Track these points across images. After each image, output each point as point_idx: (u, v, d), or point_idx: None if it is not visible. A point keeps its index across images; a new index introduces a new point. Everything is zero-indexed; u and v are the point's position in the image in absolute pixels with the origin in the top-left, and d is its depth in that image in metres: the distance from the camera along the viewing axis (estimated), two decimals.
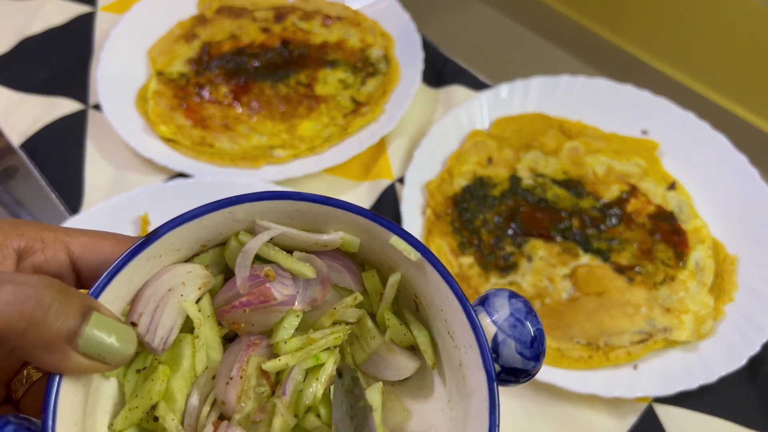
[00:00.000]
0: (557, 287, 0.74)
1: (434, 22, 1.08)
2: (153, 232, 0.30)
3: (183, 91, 0.93)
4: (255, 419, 0.33)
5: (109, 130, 0.88)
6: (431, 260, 0.32)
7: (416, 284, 0.34)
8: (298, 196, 0.32)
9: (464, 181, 0.83)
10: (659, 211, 0.80)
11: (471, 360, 0.31)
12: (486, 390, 0.30)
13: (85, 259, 0.32)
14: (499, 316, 0.32)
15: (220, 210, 0.31)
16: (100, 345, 0.27)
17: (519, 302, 0.32)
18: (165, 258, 0.32)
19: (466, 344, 0.31)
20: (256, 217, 0.33)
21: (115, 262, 0.29)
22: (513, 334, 0.31)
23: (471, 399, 0.32)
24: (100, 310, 0.28)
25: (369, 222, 0.32)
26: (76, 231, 0.32)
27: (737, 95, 0.99)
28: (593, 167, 0.84)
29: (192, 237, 0.32)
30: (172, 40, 0.99)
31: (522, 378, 0.32)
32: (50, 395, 0.27)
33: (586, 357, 0.69)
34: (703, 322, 0.70)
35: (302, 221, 0.34)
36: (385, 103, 0.90)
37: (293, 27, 1.01)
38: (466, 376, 0.32)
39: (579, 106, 0.90)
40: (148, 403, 0.32)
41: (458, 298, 0.31)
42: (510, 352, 0.31)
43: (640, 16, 1.04)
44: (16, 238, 0.30)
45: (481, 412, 0.30)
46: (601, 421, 0.68)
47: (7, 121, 0.92)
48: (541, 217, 0.79)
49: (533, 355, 0.32)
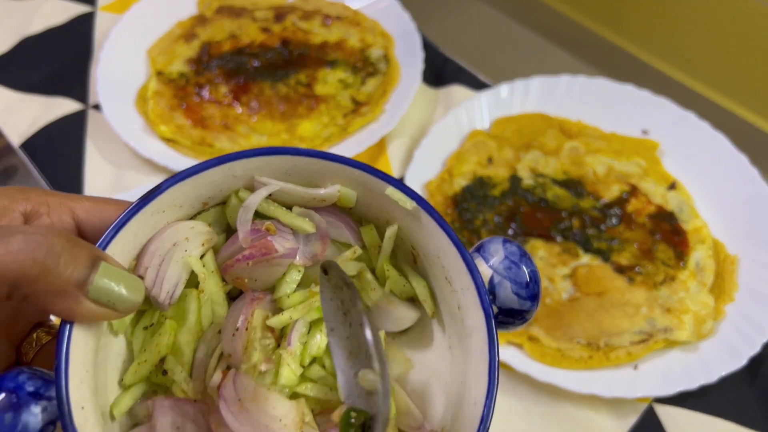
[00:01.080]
0: (557, 287, 0.74)
1: (434, 22, 1.08)
2: (156, 188, 0.31)
3: (183, 91, 0.92)
4: (262, 369, 0.33)
5: (109, 130, 0.88)
6: (427, 208, 0.32)
7: (413, 234, 0.35)
8: (294, 151, 0.33)
9: (464, 181, 0.82)
10: (659, 211, 0.80)
11: (469, 302, 0.32)
12: (485, 328, 0.31)
13: (89, 223, 0.33)
14: (495, 260, 0.33)
15: (220, 166, 0.32)
16: (109, 292, 0.28)
17: (513, 246, 0.33)
18: (168, 214, 0.33)
19: (463, 287, 0.32)
20: (254, 173, 0.34)
21: (119, 216, 0.30)
22: (508, 275, 0.32)
23: (470, 339, 0.32)
24: (108, 260, 0.29)
25: (364, 174, 0.33)
26: (81, 196, 0.33)
27: (737, 95, 0.99)
28: (593, 167, 0.84)
29: (193, 193, 0.33)
30: (172, 39, 0.99)
31: (519, 319, 0.33)
32: (62, 340, 0.28)
33: (586, 357, 0.69)
34: (703, 322, 0.70)
35: (299, 177, 0.34)
36: (385, 103, 0.90)
37: (293, 27, 1.01)
38: (464, 318, 0.33)
39: (579, 106, 0.90)
40: (157, 356, 0.33)
41: (454, 242, 0.32)
42: (506, 294, 0.32)
43: (640, 16, 1.04)
44: (22, 202, 0.31)
45: (481, 350, 0.31)
46: (601, 421, 0.68)
47: (7, 121, 0.92)
48: (542, 217, 0.79)
49: (529, 295, 0.32)
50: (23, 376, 0.28)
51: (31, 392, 0.27)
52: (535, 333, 0.71)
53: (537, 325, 0.71)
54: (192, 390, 0.33)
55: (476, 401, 0.30)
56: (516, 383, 0.70)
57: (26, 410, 0.27)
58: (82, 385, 0.29)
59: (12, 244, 0.26)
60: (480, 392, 0.30)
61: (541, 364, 0.69)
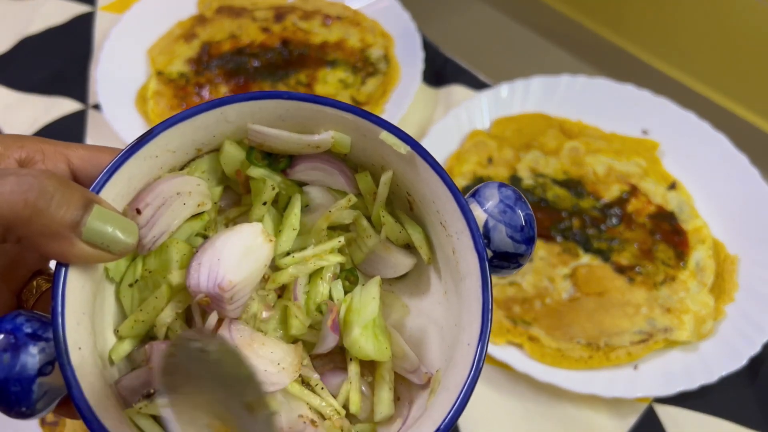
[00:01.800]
0: (557, 287, 0.74)
1: (434, 22, 1.08)
2: (148, 132, 0.31)
3: (183, 91, 0.92)
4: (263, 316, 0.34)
5: (109, 130, 0.88)
6: (421, 153, 0.32)
7: (408, 180, 0.35)
8: (287, 95, 0.33)
9: (464, 181, 0.82)
10: (659, 211, 0.80)
11: (463, 245, 0.32)
12: (478, 271, 0.31)
13: (84, 170, 0.33)
14: (490, 204, 0.33)
15: (212, 110, 0.32)
16: (103, 234, 0.28)
17: (508, 190, 0.33)
18: (161, 159, 0.33)
19: (458, 231, 0.32)
20: (247, 118, 0.33)
21: (113, 160, 0.30)
22: (503, 219, 0.32)
23: (464, 282, 0.33)
24: (102, 203, 0.29)
25: (358, 119, 0.33)
26: (76, 144, 0.34)
27: (737, 95, 0.99)
28: (593, 167, 0.84)
29: (187, 138, 0.33)
30: (172, 39, 0.99)
31: (513, 263, 0.33)
32: (58, 282, 0.28)
33: (586, 357, 0.69)
34: (703, 322, 0.70)
35: (293, 122, 0.34)
36: (385, 103, 0.90)
37: (293, 27, 1.01)
38: (459, 262, 0.33)
39: (579, 106, 0.90)
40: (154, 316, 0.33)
41: (448, 186, 0.32)
42: (501, 237, 0.32)
43: (640, 16, 1.04)
44: (17, 149, 0.31)
45: (475, 292, 0.31)
46: (601, 421, 0.68)
47: (7, 121, 0.92)
48: (542, 217, 0.79)
49: (524, 238, 0.32)
50: (21, 318, 0.28)
51: (29, 333, 0.28)
52: (535, 333, 0.71)
53: (537, 325, 0.71)
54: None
55: (470, 342, 0.31)
56: (516, 383, 0.70)
57: (24, 351, 0.27)
58: (79, 327, 0.29)
59: (4, 186, 0.26)
60: (473, 333, 0.31)
61: (541, 364, 0.69)
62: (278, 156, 0.36)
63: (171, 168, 0.34)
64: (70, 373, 0.27)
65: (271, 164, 0.36)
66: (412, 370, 0.35)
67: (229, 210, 0.38)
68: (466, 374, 0.30)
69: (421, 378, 0.34)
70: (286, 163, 0.36)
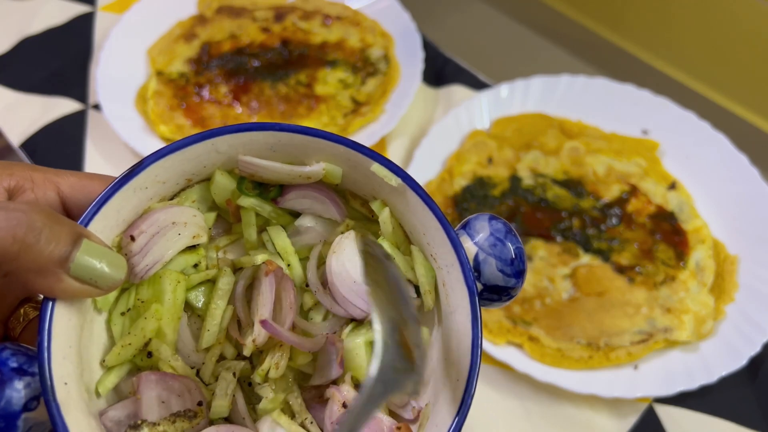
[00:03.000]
0: (557, 287, 0.74)
1: (434, 22, 1.08)
2: (138, 163, 0.31)
3: (183, 91, 0.92)
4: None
5: (109, 130, 0.88)
6: (412, 185, 0.32)
7: (399, 211, 0.35)
8: (278, 127, 0.32)
9: (464, 181, 0.82)
10: (659, 211, 0.80)
11: (453, 278, 0.32)
12: (468, 305, 0.31)
13: (74, 198, 0.33)
14: (480, 237, 0.33)
15: (203, 141, 0.32)
16: (91, 269, 0.28)
17: (499, 223, 0.33)
18: (151, 190, 0.33)
19: (448, 264, 0.32)
20: (238, 149, 0.33)
21: (103, 192, 0.30)
22: (493, 252, 0.32)
23: (454, 316, 0.32)
24: (91, 238, 0.28)
25: (350, 151, 0.33)
26: (66, 172, 0.33)
27: (737, 95, 0.99)
28: (593, 167, 0.84)
29: (177, 169, 0.33)
30: (172, 39, 0.99)
31: (504, 296, 0.33)
32: (45, 317, 0.28)
33: (586, 357, 0.69)
34: (703, 322, 0.70)
35: (284, 153, 0.34)
36: (385, 103, 0.90)
37: (293, 27, 1.01)
38: (449, 295, 0.33)
39: (579, 106, 0.90)
40: (142, 340, 0.33)
41: (438, 219, 0.32)
42: (491, 270, 0.32)
43: (640, 16, 1.04)
44: (6, 177, 0.31)
45: (464, 326, 0.31)
46: (601, 421, 0.68)
47: (7, 121, 0.92)
48: (542, 217, 0.79)
49: (514, 272, 0.32)
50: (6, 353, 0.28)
51: (15, 368, 0.27)
52: (535, 333, 0.71)
53: (537, 325, 0.71)
54: (180, 366, 0.33)
55: (459, 377, 0.30)
56: (516, 383, 0.70)
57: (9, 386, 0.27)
58: (65, 361, 0.29)
59: None
60: (463, 368, 0.30)
61: (541, 364, 0.69)
62: (269, 185, 0.36)
63: (161, 198, 0.34)
64: (55, 409, 0.27)
65: (261, 193, 0.36)
66: (402, 404, 0.34)
67: (219, 239, 0.38)
68: (455, 410, 0.29)
69: (411, 413, 0.34)
70: (277, 192, 0.36)
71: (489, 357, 0.71)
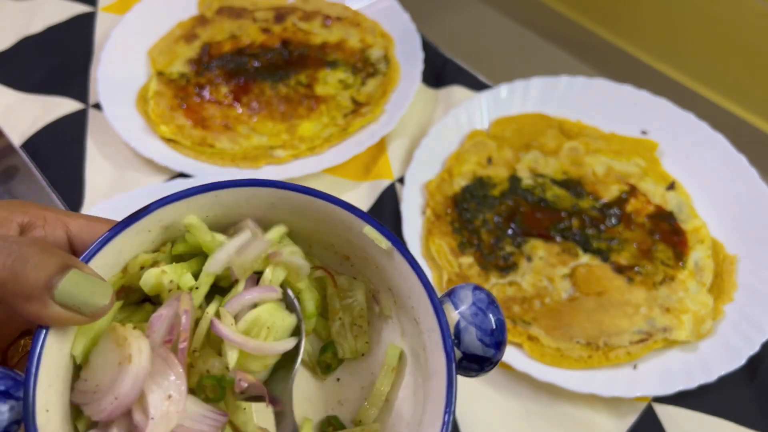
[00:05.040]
0: (557, 287, 0.74)
1: (434, 22, 1.08)
2: (144, 208, 0.33)
3: (183, 92, 0.93)
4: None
5: (110, 130, 0.88)
6: (400, 249, 0.34)
7: (388, 273, 0.36)
8: (281, 185, 0.34)
9: (464, 181, 0.83)
10: (659, 211, 0.80)
11: (433, 343, 0.33)
12: (445, 370, 0.31)
13: (81, 239, 0.35)
14: (463, 306, 0.33)
15: (207, 193, 0.34)
16: (74, 296, 0.29)
17: (482, 294, 0.34)
18: (153, 233, 0.34)
19: (429, 328, 0.33)
20: (240, 202, 0.35)
21: (106, 232, 0.32)
22: (474, 321, 0.33)
23: (431, 380, 0.33)
24: (82, 269, 0.30)
25: (344, 212, 0.34)
26: (77, 214, 0.35)
27: (737, 95, 0.99)
28: (593, 167, 0.84)
29: (180, 216, 0.34)
30: (173, 40, 0.99)
31: (485, 367, 0.34)
32: (36, 343, 0.29)
33: (585, 357, 0.69)
34: (702, 322, 0.71)
35: (284, 209, 0.36)
36: (385, 104, 0.90)
37: (293, 27, 1.01)
38: (428, 359, 0.34)
39: (579, 107, 0.90)
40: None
41: (423, 283, 0.33)
42: (471, 339, 0.33)
43: (640, 16, 1.04)
44: (20, 214, 0.34)
45: (440, 391, 0.32)
46: (600, 420, 0.68)
47: (8, 121, 0.92)
48: (541, 217, 0.80)
49: (493, 342, 0.33)
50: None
51: (1, 391, 0.28)
52: (534, 333, 0.71)
53: (536, 325, 0.71)
54: None
55: None
56: (516, 383, 0.70)
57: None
58: (50, 389, 0.29)
59: None
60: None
61: (540, 363, 0.69)
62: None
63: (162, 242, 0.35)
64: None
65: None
66: None
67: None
68: None
69: None
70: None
71: None
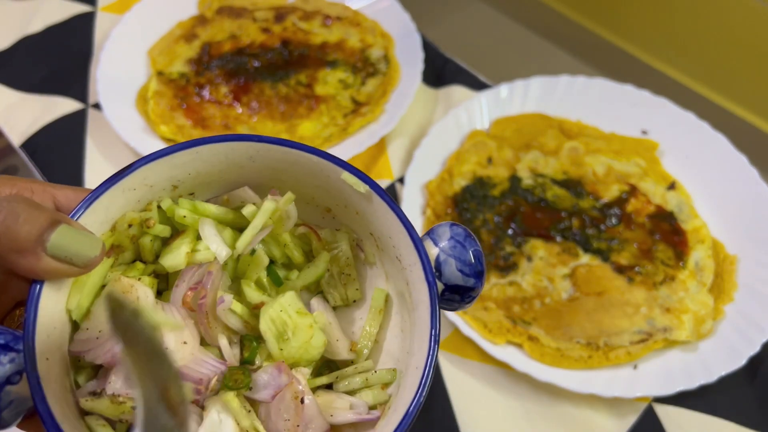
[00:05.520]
0: (557, 287, 0.74)
1: (434, 22, 1.08)
2: (128, 166, 0.34)
3: (183, 91, 0.93)
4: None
5: (110, 129, 0.88)
6: (378, 191, 0.35)
7: (369, 217, 0.37)
8: (257, 138, 0.36)
9: (464, 181, 0.83)
10: (659, 211, 0.80)
11: (415, 276, 0.35)
12: (428, 300, 0.33)
13: (68, 207, 0.35)
14: (442, 242, 0.35)
15: (188, 149, 0.35)
16: (66, 247, 0.30)
17: (459, 228, 0.36)
18: (139, 192, 0.35)
19: (410, 263, 0.35)
20: (220, 157, 0.36)
21: (94, 190, 0.33)
22: (453, 254, 0.35)
23: (416, 311, 0.35)
24: (70, 223, 0.31)
25: (322, 161, 0.36)
26: (63, 186, 0.36)
27: (737, 95, 0.99)
28: (593, 167, 0.84)
29: (165, 174, 0.36)
30: (173, 40, 0.99)
31: (465, 298, 0.36)
32: (32, 295, 0.30)
33: (585, 357, 0.69)
34: (702, 322, 0.70)
35: (262, 162, 0.37)
36: (385, 103, 0.90)
37: (293, 27, 1.01)
38: (411, 292, 0.36)
39: (579, 106, 0.90)
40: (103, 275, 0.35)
41: (402, 222, 0.35)
42: (451, 270, 0.35)
43: (640, 16, 1.04)
44: (8, 187, 0.34)
45: (425, 319, 0.33)
46: (600, 420, 0.68)
47: (8, 120, 0.92)
48: (541, 217, 0.79)
49: (472, 272, 0.35)
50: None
51: (1, 344, 0.29)
52: (534, 333, 0.71)
53: (537, 325, 0.71)
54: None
55: (418, 365, 0.33)
56: (516, 383, 0.70)
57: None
58: (48, 340, 0.31)
59: None
60: (422, 357, 0.33)
61: (540, 363, 0.69)
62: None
63: (147, 201, 0.37)
64: (35, 380, 0.29)
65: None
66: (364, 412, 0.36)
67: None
68: (413, 395, 0.31)
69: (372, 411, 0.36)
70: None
71: (489, 357, 0.71)
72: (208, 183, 0.38)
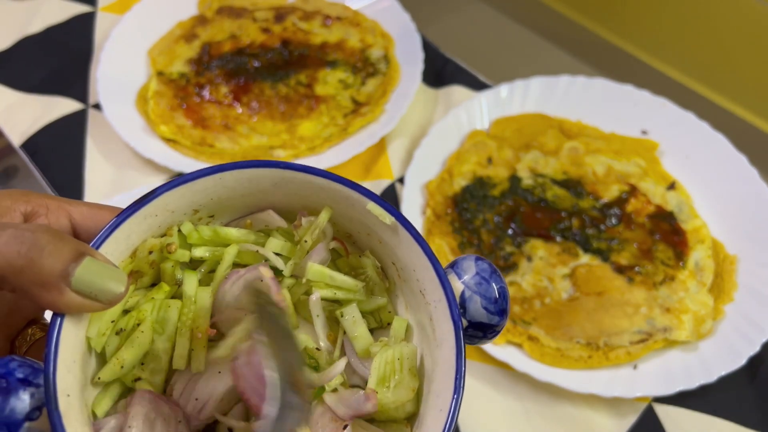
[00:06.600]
0: (557, 287, 0.74)
1: (434, 22, 1.08)
2: (150, 192, 0.33)
3: (183, 91, 0.93)
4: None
5: (110, 130, 0.88)
6: (404, 224, 0.34)
7: (391, 248, 0.37)
8: (283, 165, 0.35)
9: (464, 181, 0.83)
10: (659, 211, 0.80)
11: (440, 313, 0.34)
12: (453, 338, 0.32)
13: (84, 226, 0.35)
14: (467, 276, 0.35)
15: (212, 175, 0.34)
16: (91, 283, 0.29)
17: (484, 264, 0.35)
18: (160, 218, 0.35)
19: (435, 299, 0.34)
20: (244, 183, 0.36)
21: (115, 218, 0.32)
22: (479, 291, 0.34)
23: (439, 349, 0.34)
24: (95, 256, 0.30)
25: (347, 189, 0.35)
26: (78, 201, 0.35)
27: (737, 95, 0.99)
28: (593, 167, 0.84)
29: (186, 200, 0.35)
30: (173, 40, 0.99)
31: (488, 334, 0.35)
32: (53, 330, 0.29)
33: (585, 357, 0.69)
34: (702, 322, 0.70)
35: (286, 189, 0.36)
36: (385, 103, 0.90)
37: (293, 27, 1.01)
38: (435, 329, 0.35)
39: (579, 106, 0.90)
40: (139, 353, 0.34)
41: (428, 256, 0.34)
42: (476, 308, 0.34)
43: (640, 16, 1.04)
44: (23, 203, 0.34)
45: (449, 359, 0.32)
46: (600, 420, 0.68)
47: (8, 121, 0.92)
48: (541, 217, 0.79)
49: (497, 310, 0.34)
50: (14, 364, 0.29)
51: (21, 378, 0.28)
52: (534, 333, 0.71)
53: (537, 325, 0.71)
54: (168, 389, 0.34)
55: (442, 408, 0.32)
56: (516, 383, 0.70)
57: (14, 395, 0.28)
58: (68, 375, 0.30)
59: (1, 238, 0.27)
60: (446, 399, 0.31)
61: (540, 363, 0.69)
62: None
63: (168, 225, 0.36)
64: (56, 418, 0.28)
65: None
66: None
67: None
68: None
69: None
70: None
71: (489, 357, 0.71)
72: (230, 206, 0.38)
